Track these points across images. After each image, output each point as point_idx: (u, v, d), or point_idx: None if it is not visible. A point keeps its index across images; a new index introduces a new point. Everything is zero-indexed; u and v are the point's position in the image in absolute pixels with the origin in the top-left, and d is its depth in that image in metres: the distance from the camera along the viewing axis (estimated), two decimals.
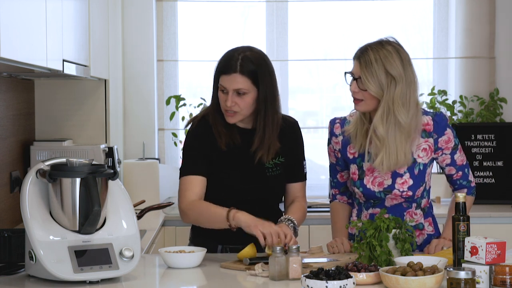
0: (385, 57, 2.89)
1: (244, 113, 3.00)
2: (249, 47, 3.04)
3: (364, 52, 2.92)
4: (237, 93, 2.96)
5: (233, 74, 2.95)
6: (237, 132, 3.06)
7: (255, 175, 3.06)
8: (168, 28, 5.35)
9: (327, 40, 5.43)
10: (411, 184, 2.99)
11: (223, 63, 3.00)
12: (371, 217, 3.03)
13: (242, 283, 2.66)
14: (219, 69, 3.01)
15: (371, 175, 3.01)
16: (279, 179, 3.09)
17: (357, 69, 2.92)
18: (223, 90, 2.98)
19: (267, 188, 3.08)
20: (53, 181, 2.58)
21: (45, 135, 4.39)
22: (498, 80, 5.38)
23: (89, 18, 3.86)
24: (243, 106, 2.98)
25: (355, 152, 3.05)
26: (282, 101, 5.39)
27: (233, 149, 3.04)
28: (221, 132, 3.03)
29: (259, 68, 2.99)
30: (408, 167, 2.99)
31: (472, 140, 5.11)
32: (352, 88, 2.93)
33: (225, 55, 3.04)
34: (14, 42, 2.53)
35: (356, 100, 2.94)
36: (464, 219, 2.63)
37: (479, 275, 2.39)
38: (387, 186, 3.00)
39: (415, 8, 5.47)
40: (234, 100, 2.96)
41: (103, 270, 2.56)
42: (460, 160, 3.07)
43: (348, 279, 2.36)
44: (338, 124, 3.10)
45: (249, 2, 5.44)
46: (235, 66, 2.96)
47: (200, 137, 3.06)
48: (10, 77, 3.82)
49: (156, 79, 5.33)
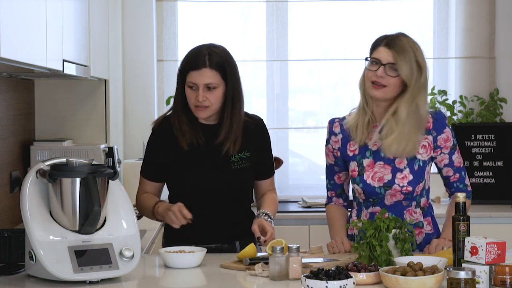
0: (414, 46, 3.01)
1: (214, 108, 3.04)
2: (213, 44, 3.10)
3: (395, 39, 2.98)
4: (207, 87, 3.00)
5: (203, 69, 3.00)
6: (200, 129, 3.08)
7: (221, 169, 3.07)
8: (168, 28, 5.35)
9: (327, 40, 5.43)
10: (411, 179, 3.00)
11: (191, 59, 3.04)
12: (371, 216, 3.04)
13: (242, 283, 2.66)
14: (187, 66, 3.04)
15: (371, 171, 3.02)
16: (245, 172, 3.11)
17: (387, 55, 2.96)
18: (192, 87, 3.02)
19: (234, 181, 3.09)
20: (53, 181, 2.58)
21: (45, 135, 4.39)
22: (498, 80, 5.38)
23: (89, 18, 3.86)
24: (214, 100, 3.02)
25: (355, 149, 3.06)
26: (282, 101, 5.45)
27: (197, 147, 3.07)
28: (185, 130, 3.06)
29: (227, 62, 3.05)
30: (408, 163, 3.01)
31: (472, 140, 5.11)
32: (379, 73, 2.94)
33: (191, 52, 3.08)
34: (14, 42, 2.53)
35: (378, 86, 2.96)
36: (464, 219, 2.63)
37: (479, 275, 2.39)
38: (387, 181, 3.01)
39: (415, 8, 5.47)
40: (204, 95, 3.00)
41: (103, 270, 2.56)
42: (457, 161, 3.09)
43: (348, 279, 2.36)
44: (338, 123, 3.12)
45: (249, 2, 5.44)
46: (204, 61, 3.01)
47: (158, 141, 3.11)
48: (10, 77, 3.82)
49: (156, 79, 5.33)
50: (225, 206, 3.09)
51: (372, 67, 2.97)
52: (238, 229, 3.12)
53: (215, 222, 3.09)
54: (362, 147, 3.05)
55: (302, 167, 5.41)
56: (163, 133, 3.11)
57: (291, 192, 5.33)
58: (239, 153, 3.10)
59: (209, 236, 3.08)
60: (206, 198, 3.07)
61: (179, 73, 3.09)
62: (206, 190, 3.06)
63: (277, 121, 5.36)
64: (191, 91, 3.03)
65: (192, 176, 3.07)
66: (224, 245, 3.10)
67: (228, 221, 3.10)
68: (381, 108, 3.03)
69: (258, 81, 5.43)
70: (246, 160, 3.11)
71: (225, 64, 3.04)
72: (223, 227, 3.10)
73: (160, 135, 3.12)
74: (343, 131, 3.09)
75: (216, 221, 3.09)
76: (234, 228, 3.11)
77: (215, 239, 3.08)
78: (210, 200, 3.07)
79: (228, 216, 3.10)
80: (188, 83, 3.03)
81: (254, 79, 5.46)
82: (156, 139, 3.13)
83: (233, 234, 3.12)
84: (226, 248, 3.10)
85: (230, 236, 3.11)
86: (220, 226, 3.09)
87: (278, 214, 4.72)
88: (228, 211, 3.09)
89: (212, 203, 3.07)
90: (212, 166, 3.07)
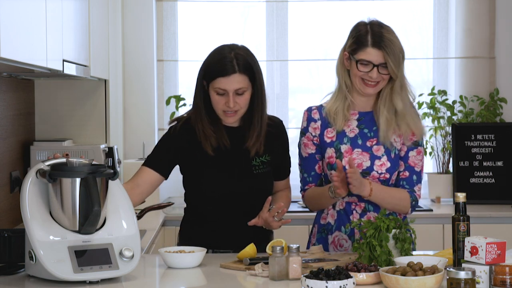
0: (395, 37, 3.01)
1: (242, 111, 3.00)
2: (235, 45, 3.01)
3: (381, 37, 2.97)
4: (237, 93, 2.95)
5: (232, 75, 2.93)
6: (224, 132, 3.04)
7: (244, 174, 3.04)
8: (168, 28, 5.35)
9: (327, 40, 5.43)
10: (388, 167, 3.04)
11: (217, 65, 2.95)
12: (347, 205, 3.06)
13: (242, 283, 2.66)
14: (213, 72, 2.95)
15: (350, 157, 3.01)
16: (267, 177, 3.09)
17: (377, 56, 2.97)
18: (222, 93, 2.95)
19: (256, 186, 3.05)
20: (53, 181, 2.58)
21: (45, 135, 4.39)
22: (498, 80, 5.38)
23: (89, 18, 3.86)
24: (243, 104, 2.97)
25: (333, 136, 3.07)
26: (282, 101, 5.45)
27: (222, 151, 3.02)
28: (209, 134, 3.00)
29: (253, 63, 2.98)
30: (385, 150, 3.05)
31: (472, 140, 5.11)
32: (374, 76, 2.97)
33: (215, 57, 2.98)
34: (14, 42, 2.53)
35: (371, 84, 3.00)
36: (464, 219, 2.63)
37: (479, 275, 2.39)
38: (365, 168, 3.03)
39: (415, 8, 5.47)
40: (234, 100, 2.95)
41: (103, 270, 2.56)
42: (413, 161, 3.08)
43: (348, 279, 2.36)
44: (316, 110, 3.12)
45: (249, 2, 5.44)
46: (232, 66, 2.93)
47: (178, 141, 3.03)
48: (10, 77, 3.82)
49: (156, 79, 5.34)
50: (245, 211, 3.02)
51: (364, 69, 2.98)
52: (256, 234, 3.04)
53: (234, 227, 3.04)
54: (339, 133, 3.07)
55: None
56: (183, 137, 3.03)
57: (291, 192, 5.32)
58: (260, 157, 3.06)
59: (227, 240, 3.04)
60: (227, 202, 3.03)
61: (201, 77, 3.00)
62: (227, 194, 3.02)
63: None
64: (219, 97, 2.96)
65: (216, 180, 3.02)
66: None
67: (244, 226, 3.02)
68: (364, 96, 3.06)
69: None
70: (267, 164, 3.08)
71: (252, 66, 2.97)
72: (241, 232, 3.03)
73: (178, 138, 3.03)
74: (322, 118, 3.09)
75: (234, 226, 3.04)
76: (252, 233, 3.03)
77: (233, 244, 3.02)
78: (230, 204, 3.02)
79: (247, 221, 3.01)
80: (216, 90, 2.95)
81: None
82: (174, 141, 3.04)
83: (251, 238, 2.98)
84: None
85: (247, 241, 2.96)
86: (239, 231, 3.04)
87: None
88: (247, 216, 3.01)
89: (233, 207, 3.02)
90: (237, 171, 3.03)
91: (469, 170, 5.07)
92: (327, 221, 3.13)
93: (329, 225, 3.12)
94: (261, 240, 3.01)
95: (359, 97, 3.07)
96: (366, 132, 3.08)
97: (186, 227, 3.17)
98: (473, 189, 5.00)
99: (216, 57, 2.98)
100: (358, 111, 3.09)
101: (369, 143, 3.07)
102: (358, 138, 3.07)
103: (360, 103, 3.09)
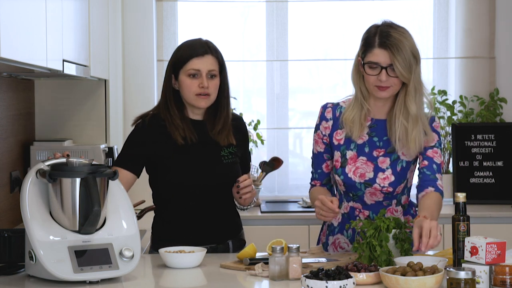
0: (406, 38, 2.90)
1: (212, 97, 3.05)
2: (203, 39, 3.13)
3: (388, 37, 2.87)
4: (209, 75, 3.02)
5: (206, 56, 3.03)
6: (191, 124, 3.07)
7: (214, 164, 3.06)
8: (168, 28, 5.35)
9: (327, 40, 5.43)
10: (392, 181, 2.99)
11: (189, 49, 3.05)
12: (351, 210, 3.04)
13: (242, 283, 2.66)
14: (187, 54, 3.03)
15: (353, 165, 3.00)
16: (235, 166, 3.13)
17: (384, 57, 2.87)
18: (195, 74, 3.02)
19: (227, 176, 3.08)
20: (53, 181, 2.58)
21: (45, 135, 4.39)
22: (498, 80, 5.38)
23: (89, 18, 3.86)
24: (213, 89, 3.04)
25: (341, 139, 3.03)
26: (282, 101, 5.44)
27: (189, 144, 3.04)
28: (177, 125, 3.04)
29: (221, 54, 3.11)
30: (391, 163, 2.99)
31: (472, 140, 5.11)
32: (383, 78, 2.88)
33: (187, 43, 3.10)
34: (14, 42, 2.53)
35: (382, 88, 2.91)
36: (464, 219, 2.63)
37: (479, 275, 2.39)
38: (368, 179, 2.99)
39: (415, 8, 5.47)
40: (208, 82, 3.01)
41: (103, 270, 2.56)
42: (431, 154, 3.01)
43: (348, 279, 2.36)
44: (330, 108, 3.08)
45: (249, 2, 5.44)
46: (205, 47, 3.05)
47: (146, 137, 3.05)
48: (10, 77, 3.82)
49: (156, 79, 5.33)
50: (215, 204, 3.07)
51: (372, 72, 2.90)
52: (228, 228, 3.13)
53: (207, 221, 3.07)
54: (347, 138, 3.03)
55: (302, 167, 5.41)
56: (152, 130, 3.05)
57: (291, 192, 5.33)
58: (228, 148, 3.10)
59: (201, 237, 3.06)
60: (199, 195, 3.04)
61: (172, 66, 3.08)
62: (199, 186, 3.04)
63: (277, 121, 5.36)
64: (191, 80, 3.02)
65: (187, 170, 3.04)
66: (219, 245, 3.09)
67: (218, 219, 3.08)
68: (380, 102, 3.00)
69: (258, 81, 5.43)
70: (234, 155, 3.12)
71: (221, 55, 3.10)
72: (214, 227, 3.08)
73: (148, 132, 3.05)
74: (335, 117, 3.06)
75: (207, 220, 3.07)
76: (225, 226, 3.11)
77: (207, 239, 3.06)
78: (202, 197, 3.05)
79: (218, 214, 3.08)
80: (189, 71, 3.02)
81: (254, 79, 5.46)
82: (144, 135, 3.05)
83: (224, 232, 3.11)
84: (221, 248, 3.09)
85: (221, 235, 3.10)
86: (212, 226, 3.08)
87: (278, 214, 4.75)
88: (218, 209, 3.07)
89: (204, 200, 3.05)
90: (207, 160, 3.06)
91: (469, 170, 5.07)
92: (330, 222, 3.12)
93: (332, 226, 3.12)
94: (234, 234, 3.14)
95: (375, 102, 3.00)
96: (375, 140, 3.01)
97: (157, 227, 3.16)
98: (473, 189, 5.00)
99: (188, 43, 3.10)
100: (371, 117, 3.02)
101: (376, 153, 3.00)
102: (366, 145, 3.01)
103: (376, 109, 3.01)
